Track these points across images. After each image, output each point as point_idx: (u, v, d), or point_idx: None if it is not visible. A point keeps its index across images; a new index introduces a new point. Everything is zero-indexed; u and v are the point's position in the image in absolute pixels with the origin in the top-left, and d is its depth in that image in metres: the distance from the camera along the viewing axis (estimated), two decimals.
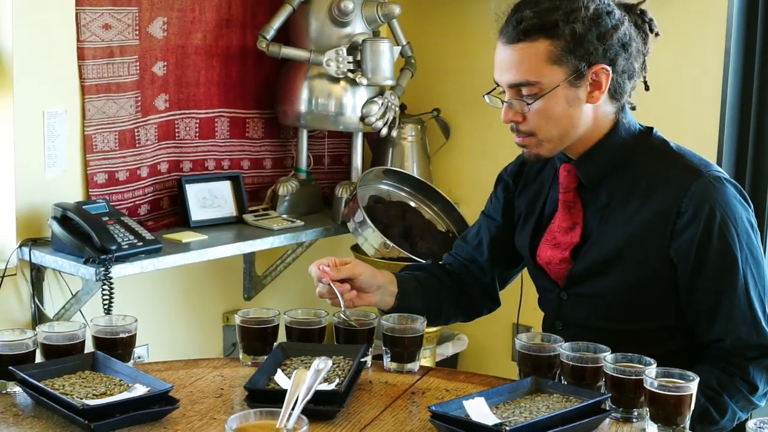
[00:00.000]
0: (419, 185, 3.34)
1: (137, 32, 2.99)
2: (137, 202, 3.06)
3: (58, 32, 2.82)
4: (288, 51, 3.22)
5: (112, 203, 2.90)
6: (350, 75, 3.17)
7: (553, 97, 1.81)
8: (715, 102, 3.08)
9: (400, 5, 3.26)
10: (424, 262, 2.30)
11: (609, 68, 1.81)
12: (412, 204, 3.33)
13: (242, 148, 3.34)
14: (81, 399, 1.53)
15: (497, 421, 1.47)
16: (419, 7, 3.64)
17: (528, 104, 1.82)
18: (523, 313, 2.97)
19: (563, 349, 1.64)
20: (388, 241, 3.00)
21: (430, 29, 3.67)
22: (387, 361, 1.80)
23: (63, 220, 2.72)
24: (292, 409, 1.32)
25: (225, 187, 3.21)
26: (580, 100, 1.82)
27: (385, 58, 3.18)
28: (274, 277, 3.44)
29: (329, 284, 1.89)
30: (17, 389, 1.64)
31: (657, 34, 1.93)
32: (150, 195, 3.10)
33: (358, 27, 3.24)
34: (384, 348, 1.80)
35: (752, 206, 1.88)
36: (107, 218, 2.76)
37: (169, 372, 1.76)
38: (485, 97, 1.97)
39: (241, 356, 1.83)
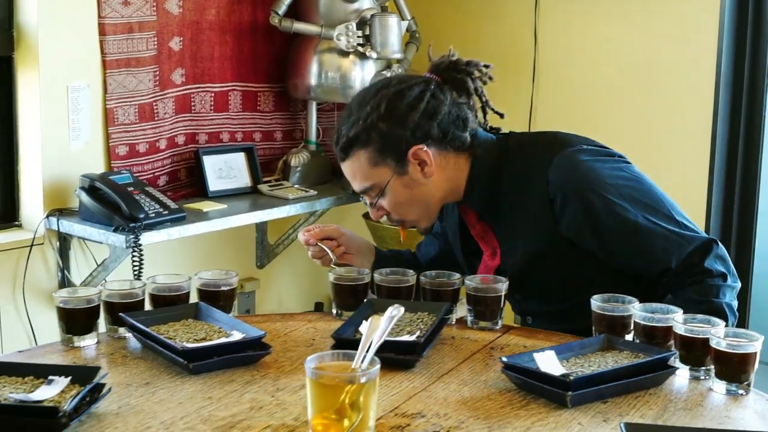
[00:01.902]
0: None
1: (155, 8, 3.07)
2: (156, 174, 3.16)
3: (80, 9, 2.91)
4: (300, 26, 3.32)
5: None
6: (360, 49, 3.28)
7: (392, 190, 1.98)
8: (709, 95, 3.22)
9: None
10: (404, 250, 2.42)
11: (423, 145, 1.95)
12: None
13: (254, 120, 3.45)
14: (182, 343, 1.65)
15: (564, 372, 1.56)
16: None
17: (374, 203, 2.02)
18: None
19: (635, 309, 1.72)
20: None
21: (430, 4, 3.78)
22: (470, 319, 1.91)
23: (91, 190, 2.81)
24: (367, 351, 1.43)
25: (240, 159, 3.32)
26: (417, 180, 1.98)
27: (393, 32, 3.29)
28: (287, 246, 3.55)
29: (316, 244, 2.10)
30: (128, 334, 1.77)
31: (486, 66, 2.02)
32: (168, 166, 3.20)
33: (365, 2, 3.35)
34: (467, 306, 1.91)
35: (612, 152, 1.98)
36: (132, 188, 2.86)
37: (266, 324, 1.87)
38: (362, 199, 2.10)
39: (334, 311, 1.96)
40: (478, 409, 1.51)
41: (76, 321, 1.72)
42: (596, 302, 1.77)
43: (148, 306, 1.83)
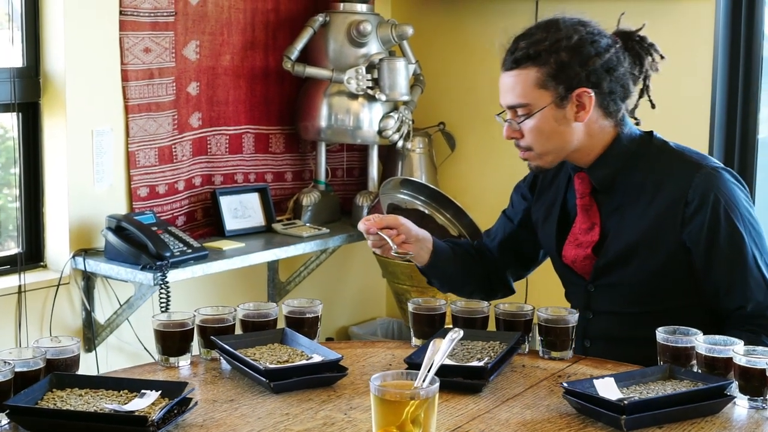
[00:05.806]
0: (432, 194, 3.57)
1: (173, 55, 3.20)
2: (175, 214, 3.26)
3: (104, 56, 3.03)
4: (311, 70, 3.45)
5: None
6: (369, 92, 3.41)
7: (542, 117, 2.06)
8: (705, 107, 3.37)
9: (412, 26, 3.51)
10: (461, 239, 2.52)
11: (591, 91, 2.06)
12: (426, 212, 3.56)
13: (266, 162, 3.56)
14: (266, 364, 1.78)
15: (620, 397, 1.64)
16: (424, 27, 3.88)
17: (520, 123, 2.10)
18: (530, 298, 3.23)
19: (698, 341, 1.78)
20: None
21: (434, 48, 3.93)
22: (541, 349, 2.00)
23: (117, 230, 2.91)
24: (428, 371, 1.54)
25: (254, 199, 3.43)
26: (568, 119, 2.08)
27: (401, 75, 3.43)
28: (298, 283, 3.64)
29: (377, 233, 2.12)
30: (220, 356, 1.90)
31: (662, 57, 2.18)
32: (186, 207, 3.31)
33: (373, 47, 3.49)
34: (538, 336, 2.00)
35: (746, 187, 2.14)
36: (156, 228, 2.95)
37: (348, 350, 1.99)
38: (496, 117, 2.22)
39: (413, 340, 2.06)
40: (537, 430, 1.61)
41: (171, 343, 1.87)
42: (661, 333, 1.85)
43: (238, 330, 1.96)
